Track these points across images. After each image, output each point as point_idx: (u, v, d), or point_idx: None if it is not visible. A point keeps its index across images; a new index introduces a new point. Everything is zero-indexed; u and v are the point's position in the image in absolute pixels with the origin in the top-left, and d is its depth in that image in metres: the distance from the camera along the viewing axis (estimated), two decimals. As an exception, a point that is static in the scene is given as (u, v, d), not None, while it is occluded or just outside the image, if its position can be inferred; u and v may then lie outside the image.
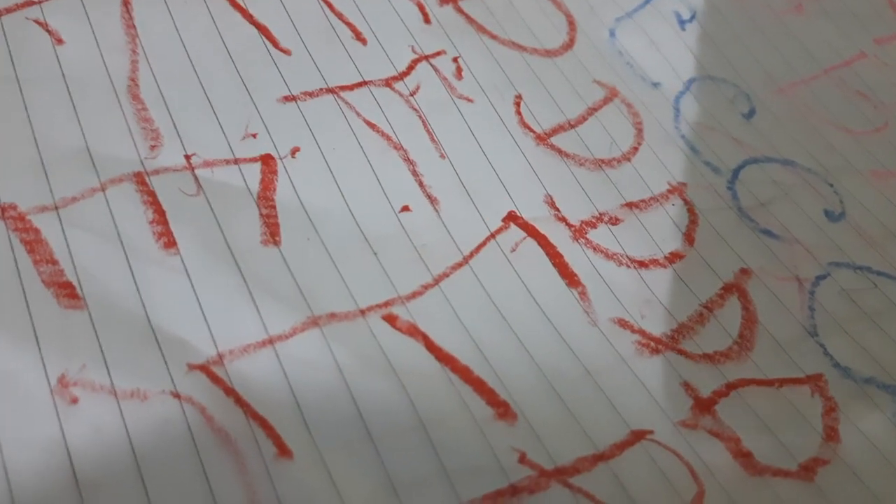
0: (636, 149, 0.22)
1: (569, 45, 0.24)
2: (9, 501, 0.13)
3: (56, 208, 0.17)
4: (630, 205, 0.20)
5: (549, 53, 0.23)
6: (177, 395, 0.15)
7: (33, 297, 0.15)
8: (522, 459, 0.15)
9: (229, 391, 0.15)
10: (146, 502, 0.14)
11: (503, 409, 0.16)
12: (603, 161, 0.21)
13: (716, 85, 0.24)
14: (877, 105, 0.25)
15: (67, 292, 0.15)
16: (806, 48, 0.26)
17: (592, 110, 0.22)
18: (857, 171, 0.23)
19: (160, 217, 0.17)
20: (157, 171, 0.18)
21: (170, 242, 0.17)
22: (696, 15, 0.26)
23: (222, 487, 0.14)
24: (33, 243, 0.16)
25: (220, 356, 0.15)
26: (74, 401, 0.14)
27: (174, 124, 0.19)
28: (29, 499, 0.13)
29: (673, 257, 0.20)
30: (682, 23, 0.25)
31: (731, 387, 0.17)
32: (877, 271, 0.21)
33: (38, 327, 0.15)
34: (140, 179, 0.17)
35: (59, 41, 0.20)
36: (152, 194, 0.17)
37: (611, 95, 0.23)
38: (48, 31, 0.20)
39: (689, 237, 0.20)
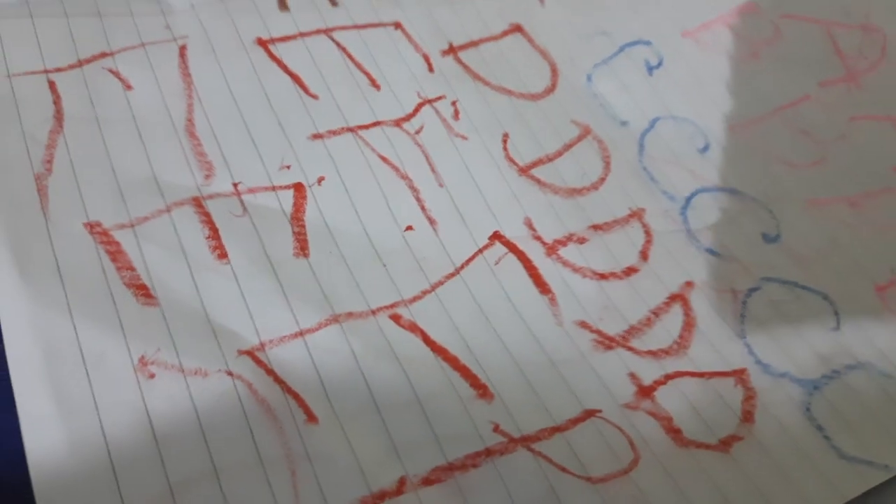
0: (604, 179, 0.26)
1: (551, 89, 0.28)
2: (105, 453, 0.18)
3: (132, 226, 0.21)
4: (596, 227, 0.25)
5: (533, 97, 0.28)
6: (230, 374, 0.19)
7: (118, 296, 0.20)
8: (496, 429, 0.19)
9: (269, 371, 0.19)
10: (208, 455, 0.18)
11: (483, 390, 0.20)
12: (575, 189, 0.25)
13: (677, 123, 0.28)
14: (817, 141, 0.29)
15: (144, 293, 0.20)
16: (758, 91, 0.30)
17: (568, 146, 0.27)
18: (795, 199, 0.27)
19: (214, 233, 0.21)
20: (210, 196, 0.22)
21: (222, 254, 0.21)
22: (663, 62, 0.30)
23: (265, 444, 0.18)
24: (115, 254, 0.20)
25: (262, 344, 0.20)
26: (152, 376, 0.19)
27: (224, 157, 0.23)
28: (119, 449, 0.18)
29: (629, 271, 0.24)
30: (650, 69, 0.30)
31: (668, 377, 0.22)
32: (801, 286, 0.25)
33: (123, 319, 0.19)
34: (197, 203, 0.22)
35: (129, 87, 0.24)
36: (207, 215, 0.22)
37: (584, 133, 0.27)
38: (120, 78, 0.24)
39: (644, 254, 0.24)
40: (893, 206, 0.28)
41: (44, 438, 0.17)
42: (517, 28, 0.30)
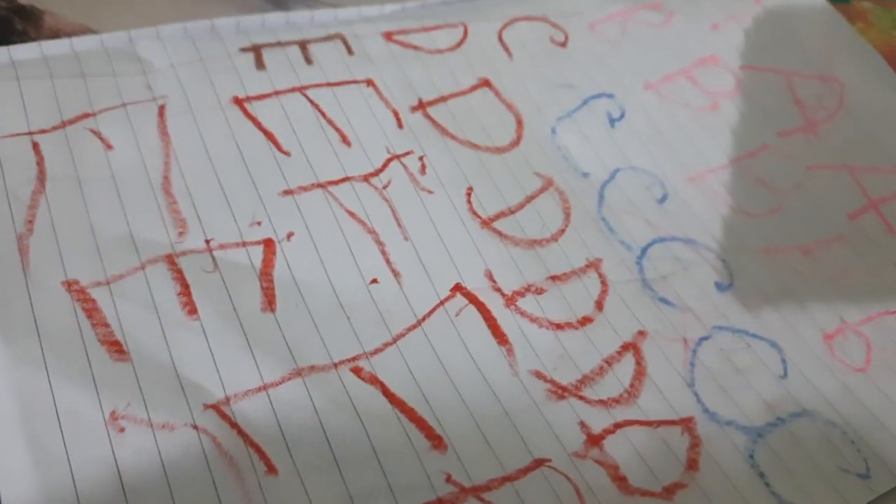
0: (563, 231, 0.27)
1: (516, 142, 0.29)
2: (75, 502, 0.19)
3: (108, 283, 0.22)
4: (554, 277, 0.26)
5: (498, 150, 0.29)
6: (195, 427, 0.20)
7: (92, 352, 0.21)
8: (448, 479, 0.21)
9: (233, 425, 0.20)
10: (172, 504, 0.19)
11: (437, 442, 0.21)
12: (535, 241, 0.27)
13: (636, 174, 0.30)
14: (774, 190, 0.30)
15: (117, 349, 0.21)
16: (718, 142, 0.31)
17: (530, 198, 0.28)
18: (750, 248, 0.28)
19: (185, 290, 0.23)
20: (183, 253, 0.23)
21: (192, 310, 0.22)
22: (625, 114, 0.31)
23: (227, 496, 0.19)
24: (91, 311, 0.22)
25: (228, 398, 0.21)
26: (122, 430, 0.20)
27: (197, 214, 0.24)
28: (89, 502, 0.19)
29: (584, 321, 0.25)
30: (612, 121, 0.31)
31: (617, 426, 0.23)
32: (752, 334, 0.26)
33: (96, 375, 0.20)
34: (170, 260, 0.23)
35: (109, 147, 0.25)
36: (180, 272, 0.23)
37: (547, 185, 0.28)
38: (101, 138, 0.25)
39: (599, 304, 0.26)
40: (845, 254, 0.29)
41: (19, 490, 0.18)
42: (485, 82, 0.31)
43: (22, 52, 0.27)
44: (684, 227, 0.28)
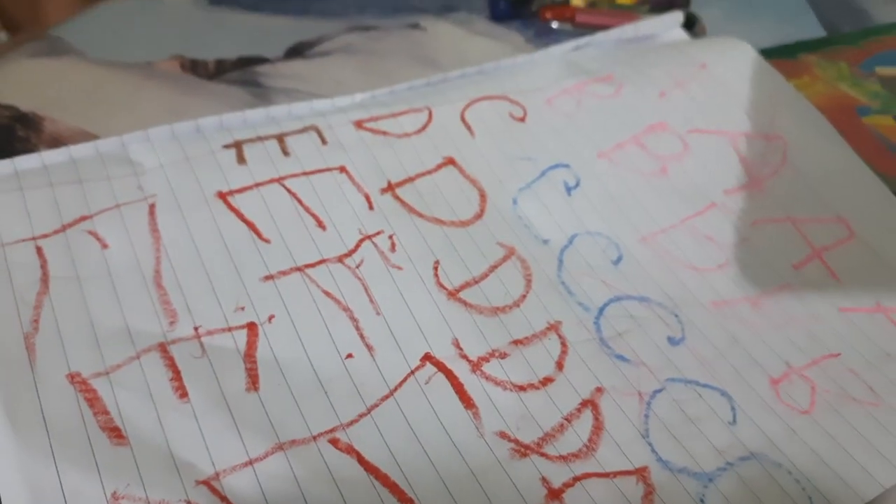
0: (524, 296, 0.29)
1: (480, 214, 0.32)
2: (82, 577, 0.21)
3: (107, 373, 0.25)
4: (516, 342, 0.28)
5: (463, 223, 0.31)
6: (188, 502, 0.22)
7: (94, 438, 0.23)
8: (420, 538, 0.23)
9: (223, 499, 0.22)
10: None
11: None
12: (498, 308, 0.29)
13: (592, 238, 0.32)
14: (721, 246, 0.32)
15: (116, 434, 0.23)
16: (667, 203, 0.34)
17: (494, 267, 0.30)
18: (700, 302, 0.30)
19: (176, 375, 0.25)
20: (174, 341, 0.26)
21: (183, 394, 0.25)
22: (580, 182, 0.34)
23: (218, 564, 0.21)
24: (93, 400, 0.24)
25: (217, 474, 0.23)
26: (122, 509, 0.22)
27: (186, 304, 0.27)
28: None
29: (546, 381, 0.27)
30: (568, 189, 0.33)
31: (577, 479, 0.25)
32: (703, 384, 0.28)
33: (98, 459, 0.23)
34: (163, 348, 0.26)
35: (105, 246, 0.28)
36: (171, 359, 0.25)
37: (509, 254, 0.31)
38: (98, 238, 0.28)
39: (559, 364, 0.28)
40: (791, 302, 0.31)
41: (30, 570, 0.21)
42: (450, 161, 0.34)
43: (24, 162, 0.30)
44: (638, 285, 0.31)
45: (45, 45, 0.40)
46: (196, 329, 0.26)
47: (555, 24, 0.45)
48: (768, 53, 0.44)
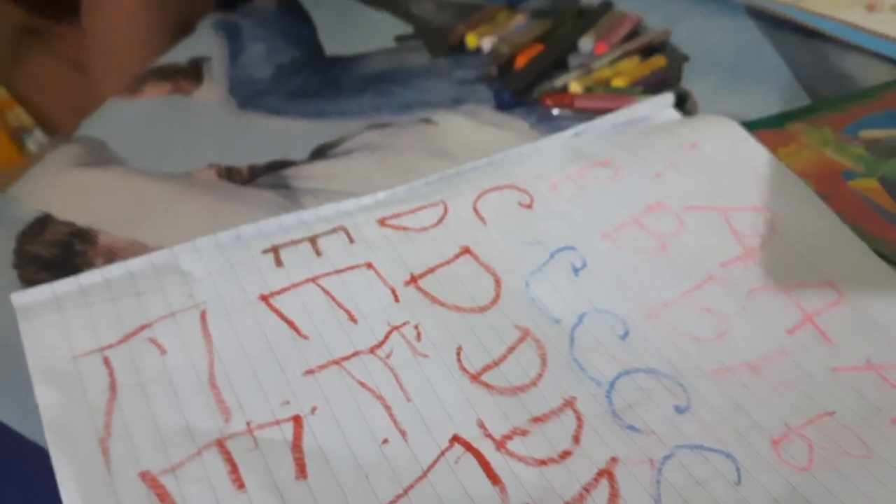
0: (541, 375, 0.32)
1: (495, 299, 0.35)
2: None
3: (173, 470, 0.28)
4: (535, 419, 0.31)
5: (481, 309, 0.35)
6: (251, 585, 0.25)
7: (166, 530, 0.26)
8: None
9: (281, 579, 0.25)
10: None
11: (447, 575, 0.26)
12: (517, 388, 0.32)
13: (600, 315, 0.35)
14: (720, 316, 0.35)
15: (185, 525, 0.26)
16: (668, 278, 0.37)
17: (511, 349, 0.33)
18: (703, 370, 0.33)
19: (234, 468, 0.28)
20: (230, 437, 0.29)
21: (241, 485, 0.28)
22: (586, 263, 0.37)
23: None
24: (163, 496, 0.27)
25: (275, 557, 0.26)
26: None
27: (238, 401, 0.30)
28: None
29: (564, 454, 0.30)
30: (576, 270, 0.37)
31: (597, 545, 0.27)
32: (709, 448, 0.30)
33: (170, 549, 0.26)
34: (220, 444, 0.29)
35: (164, 351, 0.31)
36: (228, 453, 0.28)
37: (524, 335, 0.34)
38: (157, 345, 0.32)
39: (576, 438, 0.30)
40: (787, 366, 0.33)
41: None
42: (466, 250, 0.37)
43: (88, 278, 0.34)
44: (645, 358, 0.33)
45: (89, 152, 0.45)
46: (248, 424, 0.29)
47: (555, 111, 0.49)
48: (757, 124, 0.48)
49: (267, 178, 0.44)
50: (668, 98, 0.47)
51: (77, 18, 0.70)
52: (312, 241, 0.36)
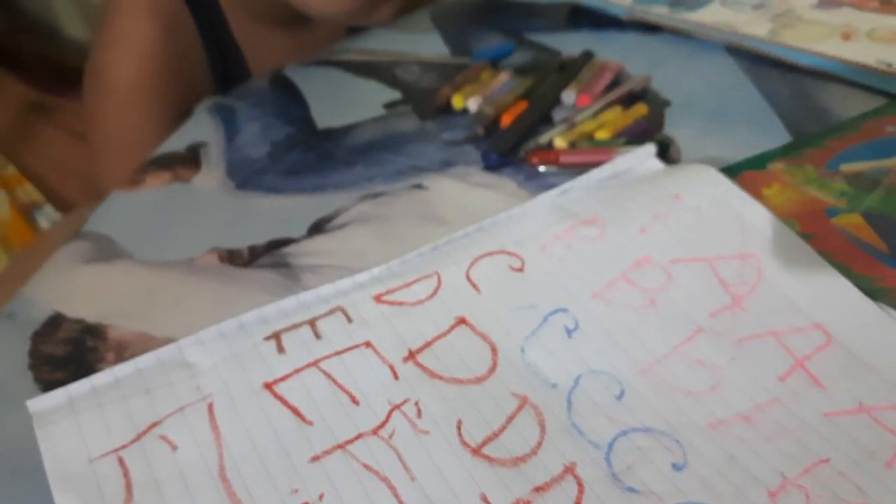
0: (540, 443, 0.33)
1: (493, 368, 0.36)
2: None
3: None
4: (538, 489, 0.32)
5: (479, 379, 0.36)
6: None
7: None
8: None
9: None
10: None
11: None
12: (518, 458, 0.33)
13: (595, 376, 0.36)
14: (711, 368, 0.36)
15: None
16: (659, 333, 0.37)
17: (510, 418, 0.34)
18: (698, 425, 0.34)
19: (251, 559, 0.29)
20: (243, 529, 0.30)
21: (259, 576, 0.29)
22: (578, 325, 0.38)
23: None
24: None
25: None
26: None
27: (249, 492, 0.31)
28: None
29: (567, 521, 0.31)
30: (569, 332, 0.38)
31: None
32: (707, 504, 0.31)
33: None
34: (235, 537, 0.30)
35: (175, 447, 0.33)
36: (246, 545, 0.30)
37: (523, 403, 0.35)
38: (168, 441, 0.33)
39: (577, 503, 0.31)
40: (781, 414, 0.34)
41: None
42: (461, 320, 0.38)
43: (99, 379, 0.35)
44: (641, 417, 0.34)
45: (96, 248, 0.47)
46: (260, 514, 0.30)
47: (542, 168, 0.50)
48: (740, 167, 0.49)
49: (267, 258, 0.45)
50: (650, 149, 0.48)
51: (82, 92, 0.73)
52: (312, 323, 0.38)
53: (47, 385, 0.38)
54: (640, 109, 0.54)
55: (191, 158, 0.54)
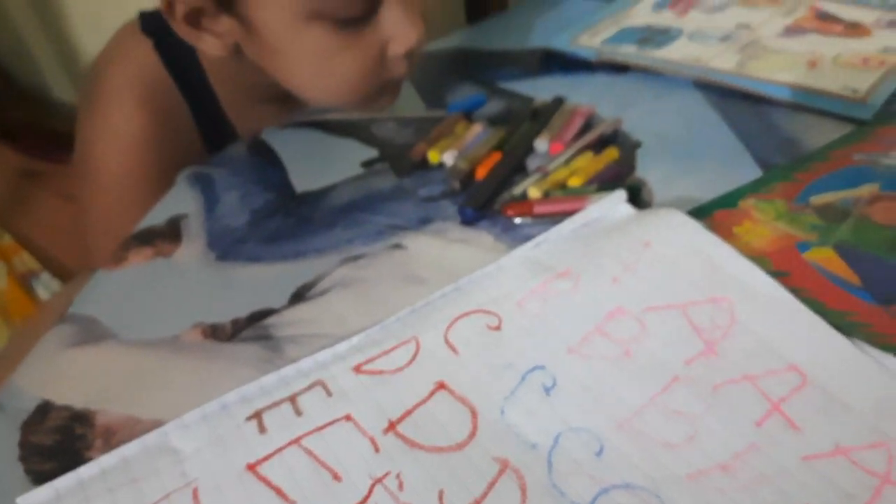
0: (522, 508, 0.34)
1: (473, 433, 0.37)
2: None
3: None
4: (520, 555, 0.32)
5: (459, 446, 0.36)
6: None
7: None
8: None
9: None
10: None
11: None
12: (501, 525, 0.33)
13: (575, 434, 0.36)
14: (688, 418, 0.36)
15: None
16: (635, 385, 0.38)
17: (492, 484, 0.35)
18: (677, 477, 0.34)
19: None
20: None
21: None
22: (556, 382, 0.38)
23: None
24: None
25: None
26: None
27: (235, 579, 0.32)
28: None
29: (551, 588, 0.31)
30: (547, 391, 0.38)
31: None
32: (690, 561, 0.31)
33: None
34: None
35: (162, 536, 0.33)
36: None
37: (504, 467, 0.35)
38: (154, 531, 0.33)
39: (561, 568, 0.32)
40: (758, 461, 0.34)
41: None
42: (441, 385, 0.39)
43: (86, 471, 0.36)
44: (622, 472, 0.35)
45: (81, 331, 0.47)
46: None
47: (517, 220, 0.51)
48: (711, 206, 0.49)
49: (250, 330, 0.46)
50: (620, 196, 0.49)
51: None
52: (293, 399, 0.38)
53: (38, 476, 0.38)
54: (612, 153, 0.55)
55: (171, 232, 0.55)
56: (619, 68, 0.67)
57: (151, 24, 0.67)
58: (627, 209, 0.48)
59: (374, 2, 0.54)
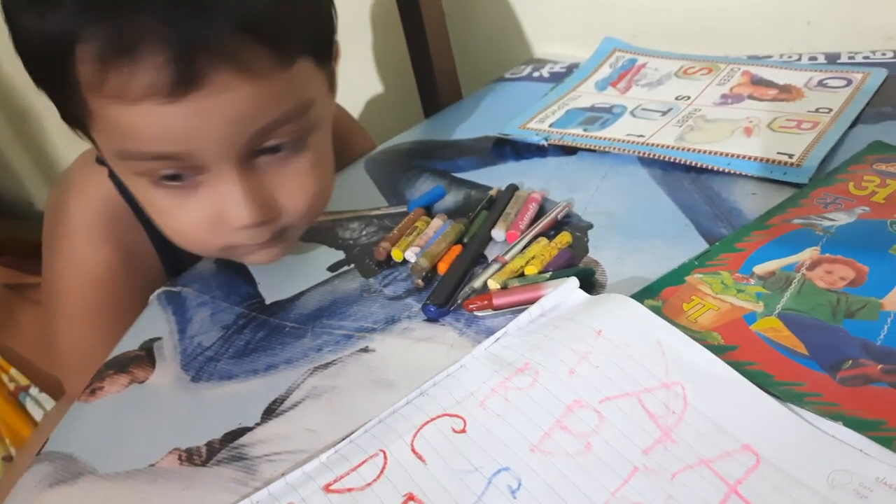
0: None
1: (443, 543, 0.38)
2: None
3: None
4: None
5: (430, 559, 0.37)
6: None
7: None
8: None
9: None
10: None
11: None
12: None
13: (542, 536, 0.37)
14: (650, 507, 0.38)
15: None
16: (598, 479, 0.39)
17: None
18: (643, 571, 0.35)
19: None
20: None
21: None
22: (521, 483, 0.39)
23: None
24: None
25: None
26: None
27: None
28: None
29: None
30: (513, 492, 0.39)
31: None
32: None
33: None
34: None
35: None
36: None
37: (474, 576, 0.36)
38: None
39: None
40: (721, 546, 0.35)
41: None
42: (410, 497, 0.40)
43: None
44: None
45: (59, 470, 0.48)
46: None
47: (479, 313, 0.53)
48: (660, 284, 0.51)
49: (224, 452, 0.47)
50: (573, 283, 0.50)
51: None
52: (266, 527, 0.39)
53: None
54: (565, 238, 0.57)
55: (145, 357, 0.56)
56: (568, 150, 0.70)
57: None
58: (581, 295, 0.50)
59: (191, 166, 0.49)
